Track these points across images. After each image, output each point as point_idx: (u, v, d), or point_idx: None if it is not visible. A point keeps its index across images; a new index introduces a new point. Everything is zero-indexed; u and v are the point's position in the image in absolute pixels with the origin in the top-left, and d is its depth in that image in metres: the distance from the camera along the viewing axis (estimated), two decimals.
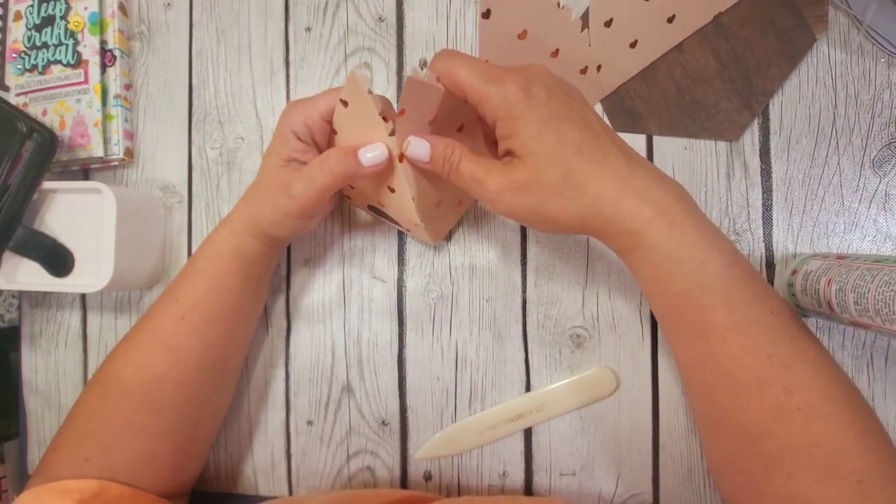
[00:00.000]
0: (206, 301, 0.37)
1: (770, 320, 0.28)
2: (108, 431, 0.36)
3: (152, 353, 0.36)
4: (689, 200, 0.29)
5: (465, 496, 0.41)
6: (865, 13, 0.37)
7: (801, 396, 0.27)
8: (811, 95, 0.39)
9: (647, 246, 0.28)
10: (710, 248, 0.28)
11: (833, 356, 0.37)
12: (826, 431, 0.27)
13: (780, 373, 0.28)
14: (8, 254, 0.41)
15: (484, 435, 0.41)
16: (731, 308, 0.28)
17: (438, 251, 0.42)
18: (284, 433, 0.44)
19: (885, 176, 0.38)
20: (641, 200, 0.28)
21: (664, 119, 0.40)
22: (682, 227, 0.28)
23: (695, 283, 0.28)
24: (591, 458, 0.40)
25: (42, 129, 0.40)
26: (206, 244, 0.38)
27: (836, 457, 0.27)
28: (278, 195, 0.34)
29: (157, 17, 0.47)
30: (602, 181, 0.28)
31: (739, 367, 0.28)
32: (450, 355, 0.42)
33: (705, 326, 0.29)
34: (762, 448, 0.28)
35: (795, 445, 0.27)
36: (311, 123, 0.34)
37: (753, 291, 0.29)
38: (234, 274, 0.37)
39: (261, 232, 0.36)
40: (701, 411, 0.32)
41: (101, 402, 0.36)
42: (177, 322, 0.36)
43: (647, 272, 0.30)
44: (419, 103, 0.30)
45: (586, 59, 0.39)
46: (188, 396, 0.37)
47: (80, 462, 0.35)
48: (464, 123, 0.34)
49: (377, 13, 0.44)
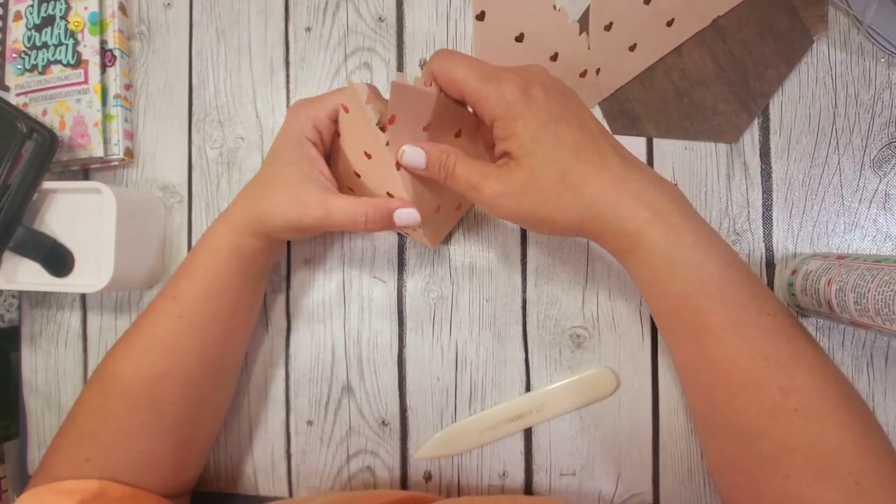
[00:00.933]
0: (204, 299, 0.37)
1: (767, 322, 0.28)
2: (108, 431, 0.36)
3: (152, 351, 0.36)
4: (685, 202, 0.30)
5: (465, 496, 0.41)
6: (865, 13, 0.37)
7: (797, 398, 0.27)
8: (811, 95, 0.39)
9: (645, 248, 0.29)
10: (706, 250, 0.28)
11: (832, 357, 0.37)
12: (823, 433, 0.27)
13: (776, 374, 0.28)
14: (8, 254, 0.41)
15: (483, 435, 0.41)
16: (728, 310, 0.28)
17: (438, 251, 0.42)
18: (284, 433, 0.44)
19: (885, 176, 0.38)
20: (638, 202, 0.28)
21: (662, 122, 0.40)
22: (678, 230, 0.28)
23: (691, 285, 0.28)
24: (591, 458, 0.40)
25: (42, 129, 0.40)
26: (203, 240, 0.37)
27: (833, 458, 0.27)
28: (292, 208, 0.34)
29: (157, 17, 0.47)
30: (599, 183, 0.28)
31: (736, 369, 0.28)
32: (450, 355, 0.42)
33: (702, 328, 0.29)
34: (759, 448, 0.28)
35: (792, 446, 0.27)
36: (320, 124, 0.35)
37: (750, 293, 0.29)
38: (232, 271, 0.37)
39: (261, 231, 0.36)
40: (699, 412, 0.32)
41: (102, 400, 0.36)
42: (175, 321, 0.36)
43: (644, 274, 0.30)
44: (410, 109, 0.30)
45: (586, 63, 0.39)
46: (188, 395, 0.37)
47: (81, 462, 0.35)
48: (461, 129, 0.34)
49: (377, 13, 0.44)
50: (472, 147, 0.35)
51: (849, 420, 0.27)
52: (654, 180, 0.29)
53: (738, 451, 0.29)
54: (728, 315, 0.28)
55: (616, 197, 0.28)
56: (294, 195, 0.34)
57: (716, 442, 0.31)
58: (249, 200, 0.36)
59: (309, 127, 0.35)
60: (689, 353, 0.31)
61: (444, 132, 0.33)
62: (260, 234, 0.36)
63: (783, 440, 0.28)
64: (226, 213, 0.37)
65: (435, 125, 0.32)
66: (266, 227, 0.36)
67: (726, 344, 0.28)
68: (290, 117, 0.35)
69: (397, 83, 0.28)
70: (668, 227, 0.28)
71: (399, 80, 0.28)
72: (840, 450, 0.27)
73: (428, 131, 0.32)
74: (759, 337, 0.28)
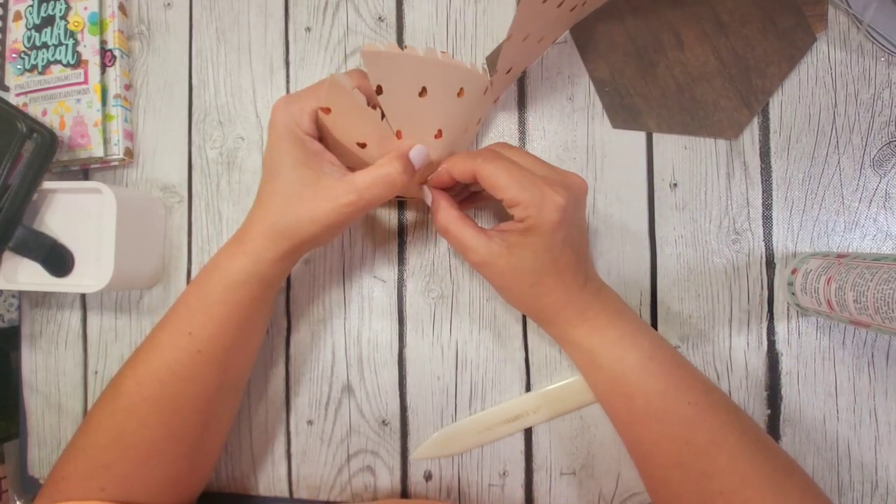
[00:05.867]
0: (223, 333, 0.35)
1: (687, 410, 0.32)
2: (126, 463, 0.35)
3: (167, 384, 0.35)
4: (618, 309, 0.35)
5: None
6: (865, 13, 0.37)
7: (718, 482, 0.30)
8: (811, 94, 0.39)
9: (574, 343, 0.34)
10: (627, 346, 0.33)
11: (832, 356, 0.37)
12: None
13: (697, 458, 0.31)
14: (8, 254, 0.41)
15: (481, 436, 0.41)
16: (648, 398, 0.32)
17: (438, 251, 0.42)
18: (284, 433, 0.44)
19: (885, 175, 0.38)
20: (577, 312, 0.34)
21: (663, 116, 0.40)
22: (602, 330, 0.33)
23: (615, 376, 0.33)
24: (591, 458, 0.40)
25: (42, 129, 0.40)
26: (217, 273, 0.35)
27: None
28: (323, 207, 0.32)
29: (156, 17, 0.47)
30: (555, 297, 0.33)
31: (662, 452, 0.32)
32: (450, 355, 0.42)
33: (630, 414, 0.33)
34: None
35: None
36: (313, 117, 0.34)
37: (671, 384, 0.32)
38: (254, 301, 0.35)
39: (289, 250, 0.34)
40: (654, 499, 0.35)
41: (117, 435, 0.35)
42: (193, 356, 0.35)
43: (576, 362, 0.35)
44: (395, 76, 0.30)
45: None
46: (207, 420, 0.37)
47: (96, 491, 0.34)
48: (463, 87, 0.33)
49: (377, 13, 0.44)
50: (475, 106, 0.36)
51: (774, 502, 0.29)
52: (597, 293, 0.34)
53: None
54: (648, 403, 0.32)
55: (563, 308, 0.33)
56: (318, 195, 0.32)
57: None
58: (269, 224, 0.33)
59: (307, 122, 0.33)
60: (627, 439, 0.35)
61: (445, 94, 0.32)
62: (288, 253, 0.34)
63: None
64: (241, 242, 0.34)
65: (432, 89, 0.31)
66: (298, 241, 0.33)
67: (650, 427, 0.32)
68: (279, 118, 0.33)
69: (367, 51, 0.27)
70: (594, 329, 0.33)
71: (369, 48, 0.27)
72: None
73: (424, 97, 0.31)
74: (678, 423, 0.32)
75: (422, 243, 0.43)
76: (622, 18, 0.40)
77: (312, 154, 0.33)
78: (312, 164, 0.33)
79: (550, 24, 0.36)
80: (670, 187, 0.40)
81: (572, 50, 0.41)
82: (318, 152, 0.34)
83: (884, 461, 0.37)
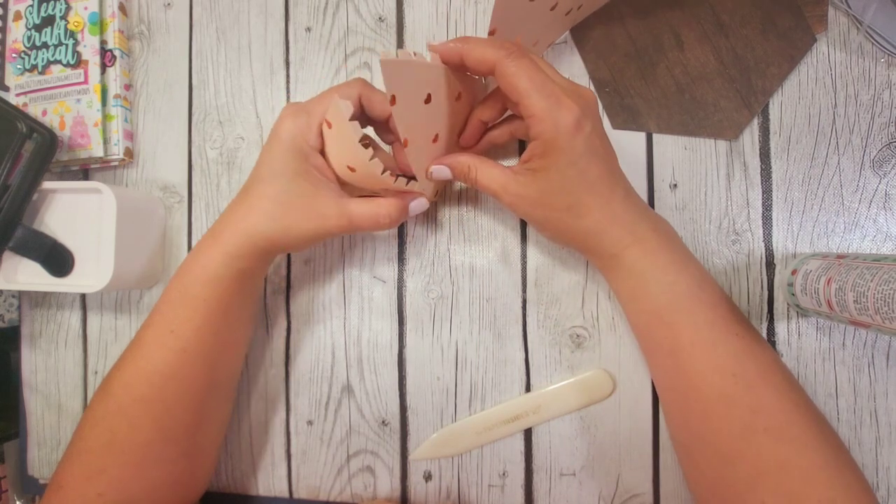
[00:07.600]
0: (207, 329, 0.35)
1: (735, 342, 0.31)
2: (121, 467, 0.34)
3: (156, 385, 0.35)
4: (667, 233, 0.33)
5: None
6: (865, 13, 0.37)
7: (765, 418, 0.29)
8: (811, 95, 0.39)
9: (622, 267, 0.33)
10: (679, 271, 0.32)
11: (832, 356, 0.37)
12: (792, 456, 0.28)
13: (744, 392, 0.30)
14: (8, 254, 0.41)
15: (480, 436, 0.41)
16: (697, 326, 0.31)
17: (438, 251, 0.42)
18: (284, 433, 0.44)
19: (885, 176, 0.38)
20: (625, 231, 0.32)
21: (663, 117, 0.40)
22: (654, 253, 0.32)
23: (664, 302, 0.32)
24: (591, 458, 0.40)
25: (42, 129, 0.40)
26: (196, 269, 0.35)
27: (805, 484, 0.28)
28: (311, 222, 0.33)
29: (157, 17, 0.47)
30: (598, 215, 0.31)
31: (706, 384, 0.30)
32: (450, 355, 0.42)
33: (674, 343, 0.32)
34: (736, 473, 0.29)
35: (765, 469, 0.28)
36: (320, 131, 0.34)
37: (720, 314, 0.31)
38: (235, 295, 0.35)
39: (270, 250, 0.35)
40: (679, 439, 0.34)
41: (110, 438, 0.35)
42: (178, 354, 0.35)
43: (623, 291, 0.34)
44: (407, 84, 0.30)
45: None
46: (200, 419, 0.37)
47: (93, 497, 0.34)
48: (461, 92, 0.34)
49: (377, 13, 0.44)
50: (470, 107, 0.36)
51: (817, 445, 0.29)
52: (644, 213, 0.33)
53: (717, 475, 0.31)
54: (697, 331, 0.31)
55: (608, 227, 0.32)
56: (310, 209, 0.33)
57: (696, 468, 0.33)
58: (252, 223, 0.34)
59: (314, 136, 0.34)
60: (664, 370, 0.33)
61: (446, 99, 0.33)
62: (268, 253, 0.35)
63: (755, 462, 0.29)
64: (218, 237, 0.34)
65: (435, 95, 0.32)
66: (277, 246, 0.34)
67: (696, 358, 0.31)
68: (286, 127, 0.33)
69: (386, 60, 0.27)
70: (644, 251, 0.32)
71: (386, 57, 0.27)
72: (811, 476, 0.28)
73: (428, 103, 0.32)
74: (727, 354, 0.30)
75: (422, 243, 0.43)
76: (622, 19, 0.40)
77: (314, 168, 0.34)
78: (311, 178, 0.34)
79: (545, 27, 0.36)
80: (670, 188, 0.40)
81: (572, 50, 0.41)
82: (319, 167, 0.34)
83: (885, 462, 0.37)
